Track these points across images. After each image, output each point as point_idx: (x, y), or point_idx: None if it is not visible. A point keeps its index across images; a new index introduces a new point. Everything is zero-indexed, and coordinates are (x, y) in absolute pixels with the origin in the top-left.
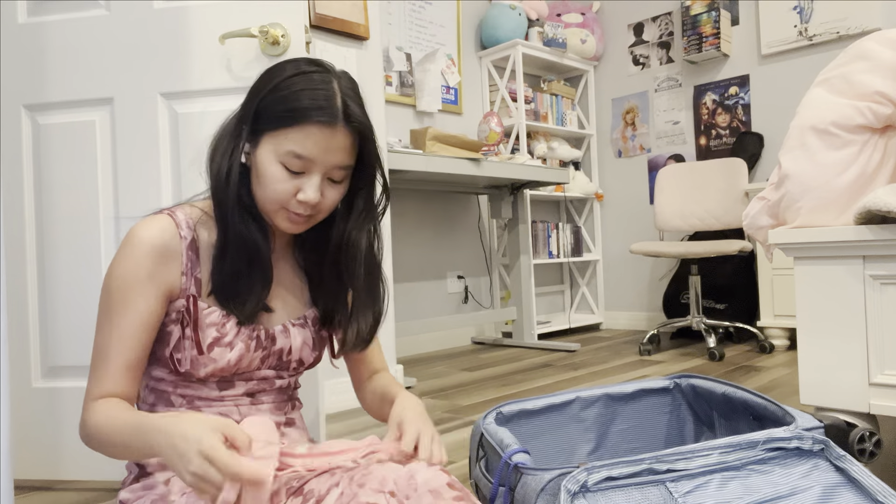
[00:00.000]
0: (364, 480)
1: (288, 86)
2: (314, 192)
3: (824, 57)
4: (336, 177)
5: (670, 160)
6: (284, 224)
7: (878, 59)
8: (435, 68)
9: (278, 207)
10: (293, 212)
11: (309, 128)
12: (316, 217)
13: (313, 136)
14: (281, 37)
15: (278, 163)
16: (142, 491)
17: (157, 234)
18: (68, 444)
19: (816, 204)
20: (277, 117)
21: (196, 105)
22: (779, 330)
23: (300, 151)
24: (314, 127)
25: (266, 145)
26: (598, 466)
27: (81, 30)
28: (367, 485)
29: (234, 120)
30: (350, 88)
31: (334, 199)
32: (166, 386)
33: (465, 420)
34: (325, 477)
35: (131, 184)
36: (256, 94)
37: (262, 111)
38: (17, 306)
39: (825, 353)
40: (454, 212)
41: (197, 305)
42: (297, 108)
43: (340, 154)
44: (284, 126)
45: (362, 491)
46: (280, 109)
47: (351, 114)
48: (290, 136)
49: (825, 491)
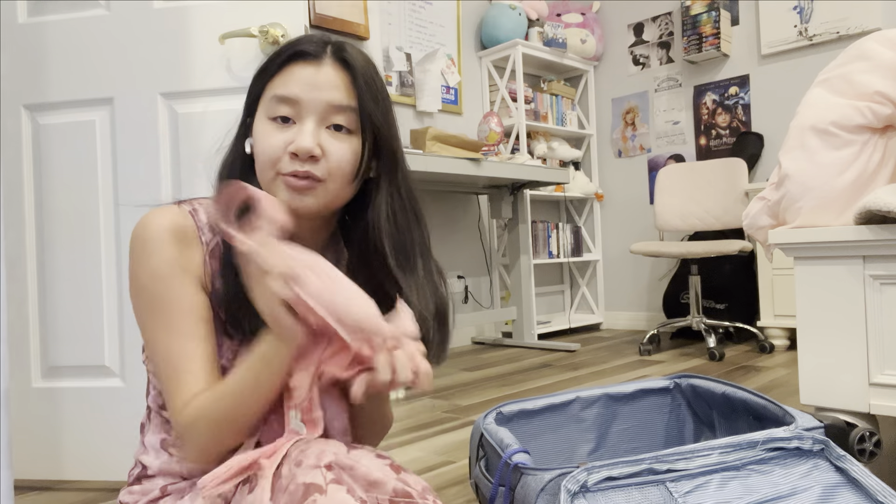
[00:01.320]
0: (302, 458)
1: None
2: (307, 137)
3: (824, 57)
4: (339, 122)
5: (670, 160)
6: (284, 194)
7: (878, 59)
8: (435, 68)
9: (273, 173)
10: (288, 173)
11: (291, 67)
12: (326, 184)
13: (296, 74)
14: (281, 37)
15: (267, 119)
16: (140, 495)
17: (171, 220)
18: (68, 444)
19: (816, 204)
20: (265, 74)
21: (196, 105)
22: (779, 330)
23: (282, 92)
24: (297, 65)
25: (259, 112)
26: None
27: (81, 30)
28: (304, 462)
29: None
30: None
31: (341, 156)
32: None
33: (465, 420)
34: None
35: (131, 184)
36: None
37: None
38: (17, 306)
39: (825, 353)
40: (454, 212)
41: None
42: (281, 54)
43: (332, 91)
44: (270, 78)
45: (300, 470)
46: (266, 65)
47: (342, 48)
48: (275, 84)
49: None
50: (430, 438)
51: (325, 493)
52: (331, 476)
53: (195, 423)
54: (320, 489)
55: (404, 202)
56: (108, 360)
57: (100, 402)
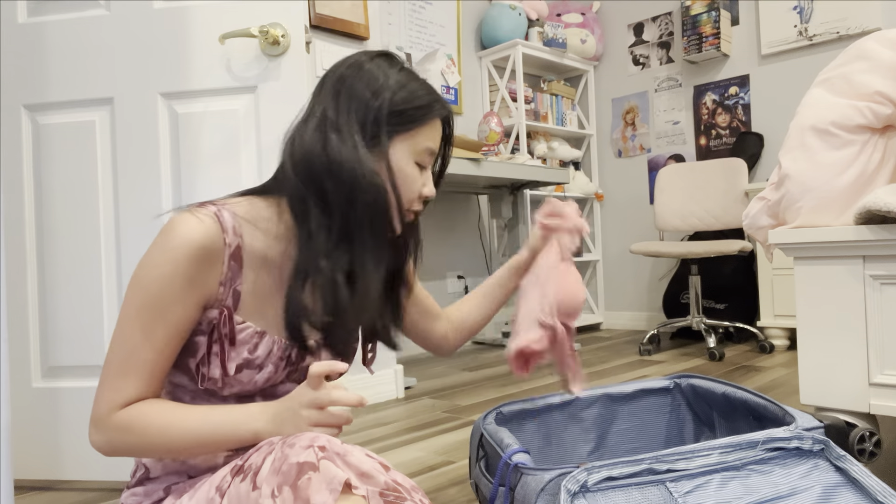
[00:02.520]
0: (294, 441)
1: (405, 82)
2: (433, 186)
3: (824, 57)
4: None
5: (670, 160)
6: (397, 226)
7: (878, 59)
8: (435, 68)
9: (406, 209)
10: (413, 210)
11: (435, 122)
12: None
13: (438, 129)
14: (281, 37)
15: (414, 163)
16: (143, 496)
17: (200, 235)
18: (68, 444)
19: (816, 204)
20: (409, 118)
21: (196, 105)
22: (779, 330)
23: (434, 147)
24: (438, 121)
25: (400, 147)
26: (598, 466)
27: (81, 30)
28: (297, 444)
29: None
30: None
31: None
32: (183, 394)
33: (465, 420)
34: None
35: (131, 184)
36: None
37: (391, 114)
38: (17, 306)
39: (825, 353)
40: (454, 212)
41: (232, 320)
42: (424, 105)
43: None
44: (418, 125)
45: (292, 451)
46: (412, 109)
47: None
48: (424, 133)
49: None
50: (430, 438)
51: (318, 471)
52: (322, 455)
53: (129, 427)
54: (313, 466)
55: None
56: None
57: None
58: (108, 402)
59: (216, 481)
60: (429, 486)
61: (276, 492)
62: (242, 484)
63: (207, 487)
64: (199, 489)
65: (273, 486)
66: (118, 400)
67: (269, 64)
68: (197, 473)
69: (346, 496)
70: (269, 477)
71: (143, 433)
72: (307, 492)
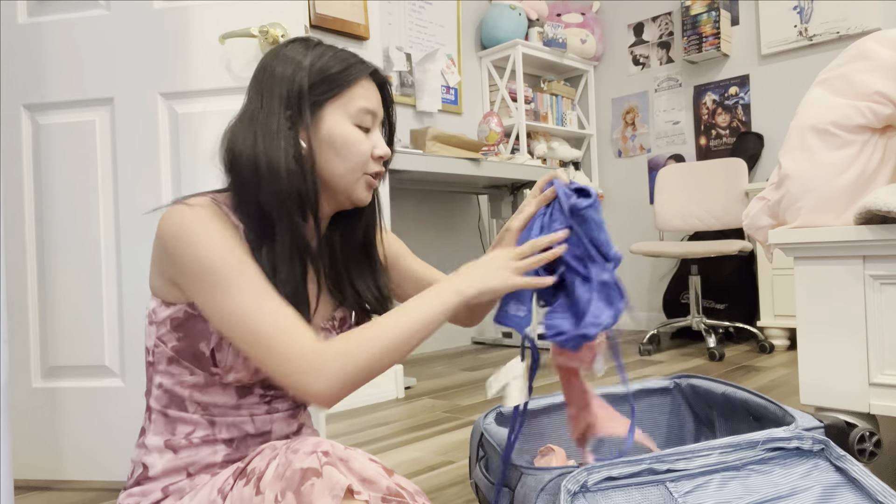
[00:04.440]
0: (298, 447)
1: (322, 53)
2: (385, 145)
3: (824, 57)
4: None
5: (670, 160)
6: (363, 193)
7: (878, 59)
8: (435, 68)
9: (360, 174)
10: (371, 173)
11: (365, 81)
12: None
13: (371, 88)
14: (281, 37)
15: (353, 125)
16: (140, 496)
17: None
18: (68, 444)
19: (816, 204)
20: (336, 82)
21: (196, 105)
22: (779, 330)
23: (370, 105)
24: (367, 80)
25: (333, 114)
26: (598, 466)
27: (81, 30)
28: (300, 450)
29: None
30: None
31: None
32: (182, 390)
33: (465, 420)
34: (267, 452)
35: (131, 184)
36: (294, 75)
37: (313, 85)
38: (17, 306)
39: (825, 353)
40: (454, 212)
41: None
42: (344, 68)
43: (380, 107)
44: (346, 87)
45: (296, 456)
46: (334, 73)
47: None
48: (354, 94)
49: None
50: (430, 438)
51: (321, 476)
52: (325, 460)
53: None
54: (317, 472)
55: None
56: (108, 360)
57: (100, 402)
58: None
59: (218, 483)
60: (429, 486)
61: (279, 497)
62: (245, 488)
63: (209, 489)
64: (200, 491)
65: (276, 491)
66: (307, 334)
67: None
68: (196, 471)
69: (349, 502)
70: (272, 482)
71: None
72: (310, 497)
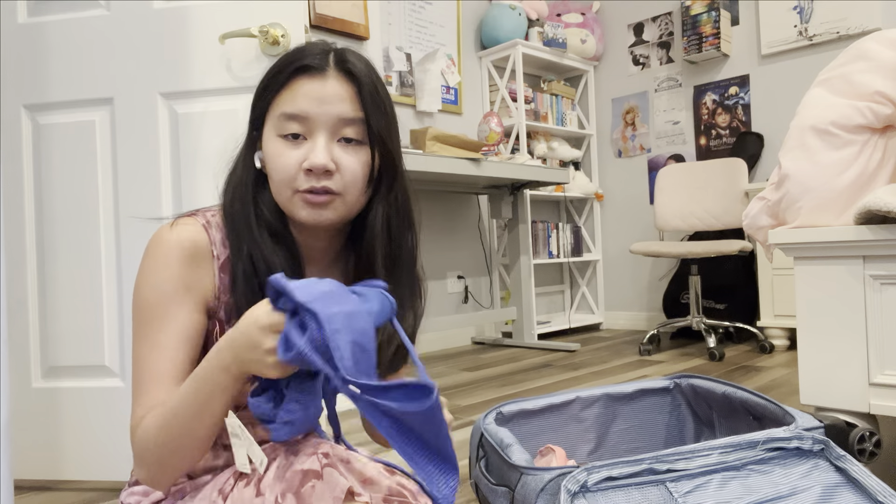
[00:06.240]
0: (299, 448)
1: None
2: (320, 153)
3: (824, 57)
4: (349, 135)
5: (670, 160)
6: (303, 212)
7: (878, 59)
8: (435, 68)
9: (291, 192)
10: (305, 190)
11: (296, 82)
12: (344, 197)
13: (302, 89)
14: (281, 37)
15: (277, 137)
16: (141, 495)
17: (188, 237)
18: (68, 444)
19: (816, 204)
20: (269, 90)
21: (196, 105)
22: (779, 330)
23: (291, 110)
24: (302, 79)
25: (267, 127)
26: (598, 466)
27: (81, 30)
28: (301, 451)
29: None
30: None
31: (354, 168)
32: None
33: (465, 420)
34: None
35: (131, 184)
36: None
37: (259, 98)
38: (17, 306)
39: (825, 353)
40: (454, 212)
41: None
42: (284, 68)
43: (339, 104)
44: (275, 94)
45: (297, 458)
46: (269, 79)
47: (346, 59)
48: (282, 100)
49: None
50: None
51: (321, 478)
52: (326, 462)
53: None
54: (317, 474)
55: (399, 208)
56: (108, 360)
57: (100, 402)
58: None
59: (219, 484)
60: None
61: (279, 498)
62: (246, 489)
63: (210, 490)
64: (202, 491)
65: (277, 492)
66: (139, 415)
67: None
68: (197, 472)
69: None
70: (273, 483)
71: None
72: (310, 499)
